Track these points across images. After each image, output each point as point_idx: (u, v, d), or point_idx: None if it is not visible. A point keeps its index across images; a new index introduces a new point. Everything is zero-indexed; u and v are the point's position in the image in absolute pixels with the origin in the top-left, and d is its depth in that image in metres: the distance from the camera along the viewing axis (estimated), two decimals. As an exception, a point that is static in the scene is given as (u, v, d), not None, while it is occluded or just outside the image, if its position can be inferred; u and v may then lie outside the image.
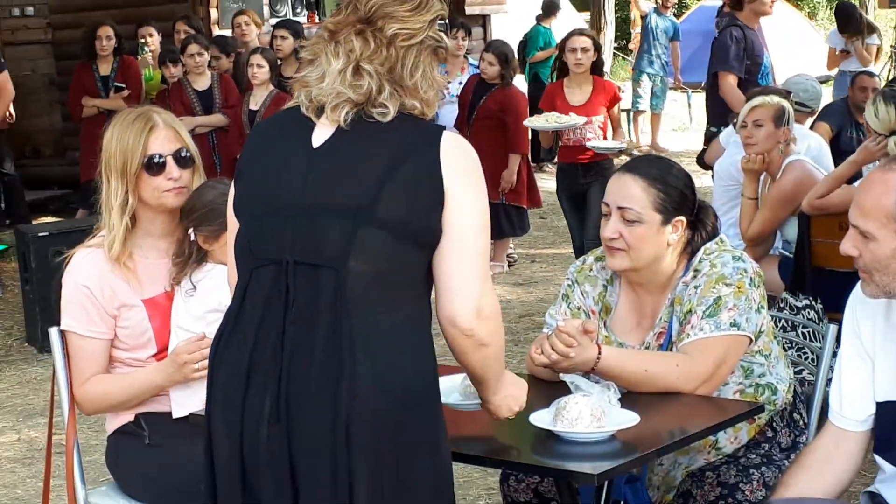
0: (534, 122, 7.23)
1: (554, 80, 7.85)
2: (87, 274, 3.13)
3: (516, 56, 8.95)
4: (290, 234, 2.32)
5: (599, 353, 2.84)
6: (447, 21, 2.44)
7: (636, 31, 15.66)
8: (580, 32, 7.39)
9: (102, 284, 3.12)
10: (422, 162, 2.30)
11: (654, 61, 13.19)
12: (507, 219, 8.12)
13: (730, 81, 7.06)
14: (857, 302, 2.62)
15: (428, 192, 2.29)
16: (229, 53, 8.90)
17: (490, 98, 7.99)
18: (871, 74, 7.60)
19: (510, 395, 2.53)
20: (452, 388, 2.67)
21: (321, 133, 2.36)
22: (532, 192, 8.29)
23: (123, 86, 8.93)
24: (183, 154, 3.15)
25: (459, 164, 2.33)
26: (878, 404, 2.60)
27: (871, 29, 10.85)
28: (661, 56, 13.21)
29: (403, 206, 2.28)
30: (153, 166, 3.11)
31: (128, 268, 3.14)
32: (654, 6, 13.72)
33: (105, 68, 9.05)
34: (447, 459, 2.38)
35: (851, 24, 10.59)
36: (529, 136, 8.26)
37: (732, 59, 7.12)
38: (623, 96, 15.16)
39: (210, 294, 3.10)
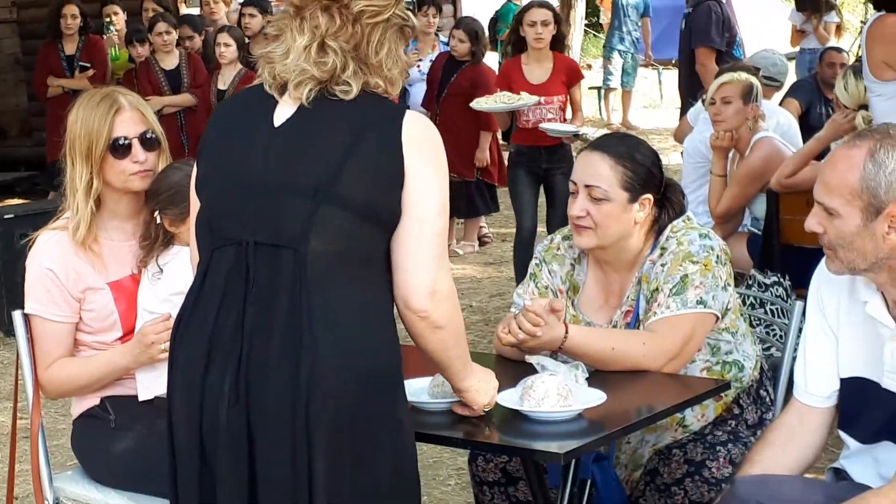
0: (481, 103, 6.56)
1: (510, 56, 6.98)
2: (51, 257, 3.10)
3: (487, 33, 8.90)
4: (250, 214, 2.31)
5: (566, 331, 2.84)
6: None
7: (605, 7, 15.65)
8: (539, 4, 6.61)
9: (67, 267, 3.09)
10: (382, 139, 2.29)
11: (624, 38, 13.17)
12: (480, 197, 8.12)
13: (710, 57, 7.05)
14: (822, 279, 2.63)
15: (388, 170, 2.28)
16: (201, 32, 8.83)
17: (461, 75, 7.96)
18: (839, 50, 7.60)
19: (482, 379, 2.54)
20: (421, 390, 2.66)
21: (283, 111, 2.34)
22: (501, 171, 8.28)
23: (89, 65, 8.84)
24: (149, 136, 3.12)
25: (421, 144, 2.32)
26: (843, 380, 2.61)
27: (830, 6, 10.76)
28: (631, 33, 13.21)
29: (364, 183, 2.27)
30: (119, 149, 3.07)
31: (93, 251, 3.11)
32: (625, -18, 13.72)
33: (70, 47, 8.97)
34: (409, 439, 2.37)
35: (809, 0, 10.56)
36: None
37: (714, 34, 7.11)
38: (595, 74, 15.15)
39: (176, 276, 3.07)
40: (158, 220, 3.12)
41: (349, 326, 2.26)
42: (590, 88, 14.65)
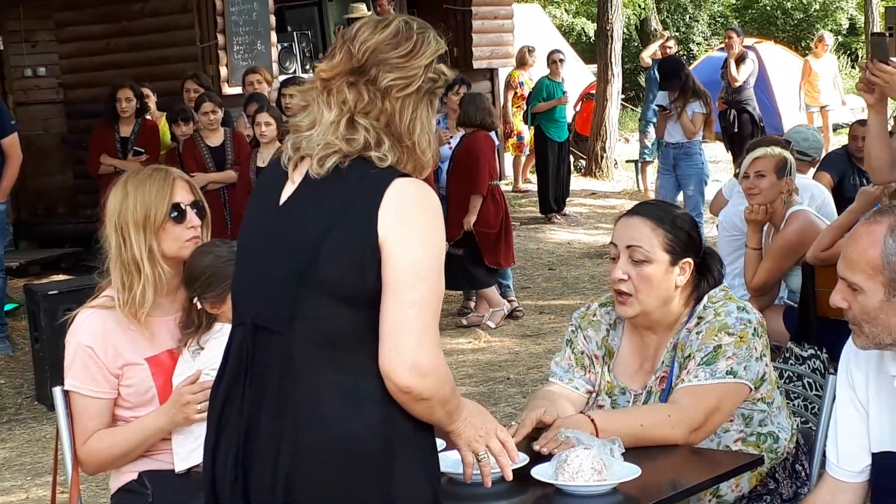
0: None
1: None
2: (90, 334, 3.15)
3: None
4: (254, 296, 2.37)
5: (593, 421, 2.84)
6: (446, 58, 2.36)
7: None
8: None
9: (106, 344, 3.14)
10: (358, 218, 2.24)
11: (658, 112, 13.12)
12: (474, 268, 8.05)
13: None
14: (850, 353, 2.64)
15: (362, 250, 2.23)
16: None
17: (459, 145, 8.13)
18: (862, 123, 7.45)
19: (470, 412, 2.41)
20: (458, 462, 2.60)
21: (288, 189, 2.37)
22: (507, 251, 8.20)
23: (143, 150, 8.96)
24: (200, 205, 3.24)
25: (400, 210, 2.23)
26: (874, 455, 2.60)
27: (697, 94, 9.79)
28: (665, 106, 13.16)
29: (339, 268, 2.24)
30: (180, 213, 3.16)
31: (144, 322, 3.14)
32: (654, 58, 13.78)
33: (126, 130, 9.06)
34: None
35: (672, 82, 9.80)
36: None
37: None
38: (632, 147, 15.08)
39: (215, 353, 3.11)
40: (199, 306, 3.18)
41: (332, 412, 2.25)
42: (626, 161, 14.69)
